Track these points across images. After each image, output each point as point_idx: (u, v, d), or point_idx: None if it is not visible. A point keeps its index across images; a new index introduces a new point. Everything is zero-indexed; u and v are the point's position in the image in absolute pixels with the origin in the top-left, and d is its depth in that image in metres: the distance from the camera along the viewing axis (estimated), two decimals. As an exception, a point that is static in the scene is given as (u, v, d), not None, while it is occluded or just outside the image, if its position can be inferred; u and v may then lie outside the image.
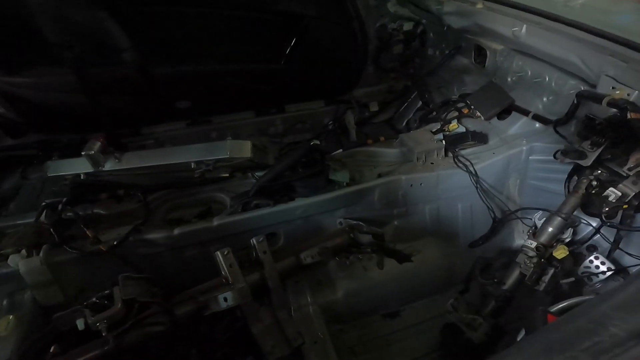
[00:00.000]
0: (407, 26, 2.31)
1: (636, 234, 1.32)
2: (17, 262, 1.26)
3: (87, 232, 1.33)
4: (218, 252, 1.23)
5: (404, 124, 2.53)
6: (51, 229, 1.33)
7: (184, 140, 2.07)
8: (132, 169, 1.57)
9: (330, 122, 2.47)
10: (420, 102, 2.45)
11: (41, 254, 1.28)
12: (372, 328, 1.53)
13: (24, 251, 1.29)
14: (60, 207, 1.43)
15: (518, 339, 0.93)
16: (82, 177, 1.60)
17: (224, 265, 1.23)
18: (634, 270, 1.32)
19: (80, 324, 0.93)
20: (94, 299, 1.01)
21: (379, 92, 2.58)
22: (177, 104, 2.18)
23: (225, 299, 1.13)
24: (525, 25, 1.54)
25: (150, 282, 1.10)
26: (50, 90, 1.94)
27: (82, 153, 1.54)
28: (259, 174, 1.64)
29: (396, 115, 2.61)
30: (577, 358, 0.47)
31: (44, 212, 1.44)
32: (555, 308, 0.94)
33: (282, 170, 1.47)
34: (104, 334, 0.94)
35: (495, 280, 1.38)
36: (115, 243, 1.35)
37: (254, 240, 1.28)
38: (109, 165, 1.58)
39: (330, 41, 2.29)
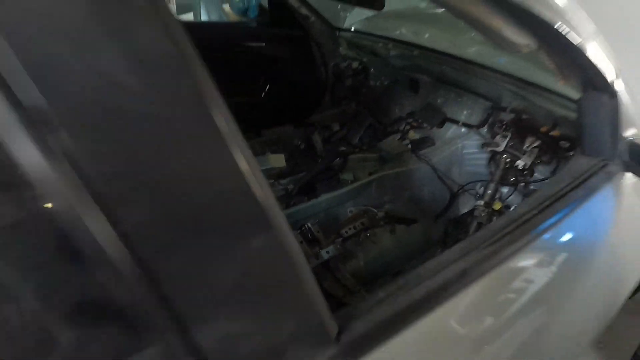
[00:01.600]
0: (355, 64, 3.01)
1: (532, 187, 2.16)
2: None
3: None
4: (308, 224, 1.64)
5: (357, 139, 3.19)
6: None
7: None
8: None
9: (301, 143, 3.00)
10: (368, 121, 3.15)
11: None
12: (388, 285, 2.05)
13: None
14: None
15: None
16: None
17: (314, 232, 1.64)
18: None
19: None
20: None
21: (334, 115, 3.20)
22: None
23: (328, 252, 1.54)
24: (450, 65, 2.34)
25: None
26: None
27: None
28: (282, 181, 2.07)
29: (349, 134, 3.26)
30: None
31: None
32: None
33: (320, 171, 1.93)
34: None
35: (464, 230, 2.07)
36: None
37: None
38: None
39: (300, 78, 2.86)
